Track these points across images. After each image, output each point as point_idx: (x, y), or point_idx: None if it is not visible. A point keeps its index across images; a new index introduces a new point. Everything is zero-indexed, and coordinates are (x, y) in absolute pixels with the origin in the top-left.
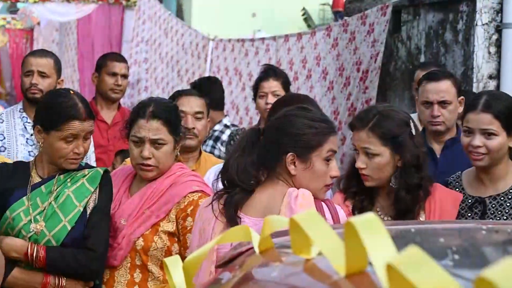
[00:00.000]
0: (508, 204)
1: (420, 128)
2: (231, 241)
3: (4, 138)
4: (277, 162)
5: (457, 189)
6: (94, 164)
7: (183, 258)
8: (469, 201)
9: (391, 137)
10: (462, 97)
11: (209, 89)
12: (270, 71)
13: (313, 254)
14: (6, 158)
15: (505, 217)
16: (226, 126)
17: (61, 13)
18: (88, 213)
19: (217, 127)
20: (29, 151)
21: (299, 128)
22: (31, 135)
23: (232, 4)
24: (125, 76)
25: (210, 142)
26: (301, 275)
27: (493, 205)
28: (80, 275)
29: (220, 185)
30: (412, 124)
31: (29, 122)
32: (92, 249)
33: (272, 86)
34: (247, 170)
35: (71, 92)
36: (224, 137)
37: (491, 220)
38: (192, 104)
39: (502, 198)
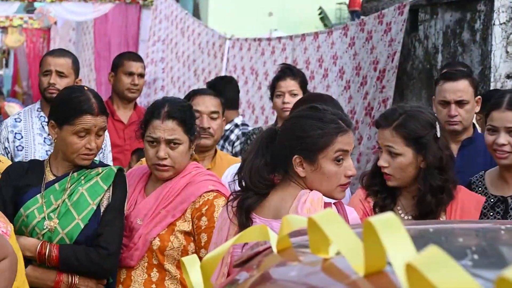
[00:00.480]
0: None
1: None
2: (249, 240)
3: (22, 137)
4: (287, 164)
5: (479, 188)
6: (111, 162)
7: (198, 257)
8: (492, 200)
9: (415, 138)
10: (479, 96)
11: (223, 89)
12: (287, 71)
13: (331, 253)
14: (4, 158)
15: None
16: (236, 125)
17: (78, 13)
18: (101, 211)
19: (228, 126)
20: (46, 151)
21: (304, 130)
22: (49, 134)
23: (248, 3)
24: (141, 76)
25: (220, 142)
26: (319, 275)
27: None
28: (92, 273)
29: (237, 186)
30: (438, 126)
31: (46, 122)
32: (105, 247)
33: (289, 85)
34: (260, 172)
35: (85, 88)
36: (233, 136)
37: None
38: (207, 104)
39: None
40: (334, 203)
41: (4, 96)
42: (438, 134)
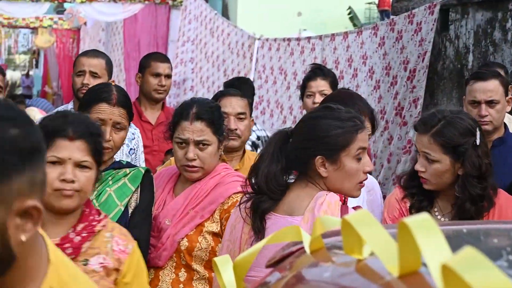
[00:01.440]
0: None
1: None
2: (282, 241)
3: None
4: (307, 166)
5: None
6: (143, 164)
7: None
8: None
9: (452, 146)
10: (510, 96)
11: (239, 89)
12: (318, 71)
13: (365, 254)
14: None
15: None
16: None
17: (108, 13)
18: (129, 212)
19: None
20: None
21: (325, 130)
22: None
23: (277, 3)
24: (168, 76)
25: None
26: (353, 276)
27: None
28: None
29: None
30: (478, 133)
31: None
32: None
33: (320, 85)
34: (277, 178)
35: (112, 82)
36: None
37: None
38: (234, 105)
39: None
40: (354, 207)
41: (25, 104)
42: (478, 142)
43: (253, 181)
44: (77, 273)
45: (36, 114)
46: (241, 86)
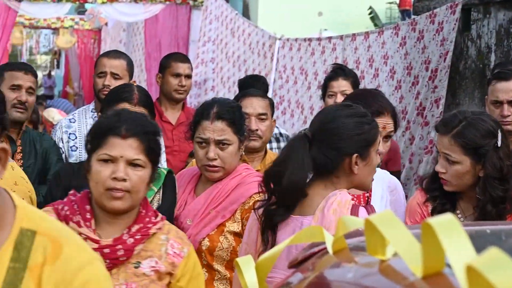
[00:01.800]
0: None
1: None
2: (304, 241)
3: (76, 137)
4: (336, 166)
5: None
6: (164, 164)
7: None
8: None
9: (473, 147)
10: None
11: (252, 87)
12: (339, 71)
13: (388, 255)
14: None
15: None
16: None
17: (129, 14)
18: None
19: None
20: None
21: (355, 128)
22: None
23: (298, 3)
24: (188, 76)
25: None
26: (376, 276)
27: None
28: None
29: None
30: (500, 135)
31: None
32: None
33: (341, 85)
34: (301, 186)
35: (133, 83)
36: None
37: None
38: (255, 106)
39: None
40: (365, 206)
41: (44, 105)
42: (499, 144)
43: (273, 188)
44: (46, 216)
45: (55, 115)
46: (254, 84)
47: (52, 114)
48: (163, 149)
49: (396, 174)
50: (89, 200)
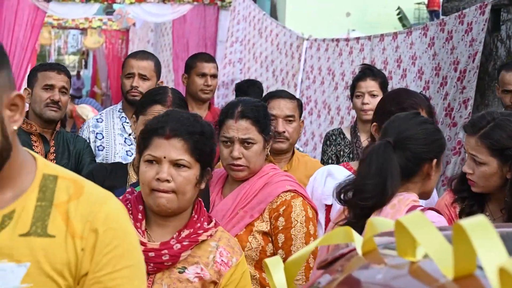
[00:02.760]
0: None
1: None
2: (334, 242)
3: (103, 137)
4: (416, 171)
5: None
6: None
7: None
8: None
9: (500, 148)
10: None
11: (246, 90)
12: (367, 71)
13: (418, 256)
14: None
15: None
16: None
17: (157, 14)
18: None
19: None
20: (127, 151)
21: (435, 133)
22: (129, 134)
23: (326, 3)
24: (214, 76)
25: None
26: (406, 278)
27: None
28: None
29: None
30: None
31: (127, 122)
32: None
33: (369, 86)
34: (388, 193)
35: (161, 83)
36: None
37: None
38: (282, 107)
39: None
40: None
41: (75, 101)
42: None
43: (356, 201)
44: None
45: (88, 112)
46: (248, 88)
47: (86, 111)
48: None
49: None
50: (143, 201)
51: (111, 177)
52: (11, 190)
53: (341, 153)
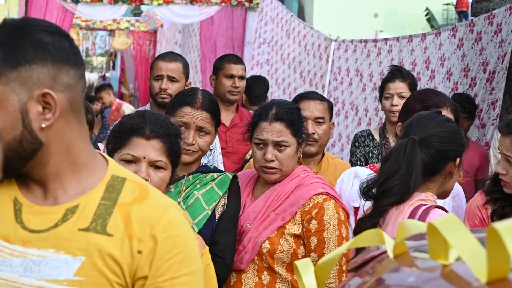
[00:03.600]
0: None
1: None
2: (364, 245)
3: None
4: (439, 169)
5: None
6: (221, 165)
7: None
8: None
9: None
10: None
11: (251, 86)
12: (397, 73)
13: (451, 259)
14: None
15: None
16: None
17: (185, 15)
18: (216, 217)
19: None
20: None
21: (458, 132)
22: None
23: (354, 4)
24: (242, 78)
25: None
26: (439, 281)
27: None
28: None
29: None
30: None
31: None
32: (221, 256)
33: (398, 87)
34: (410, 192)
35: (190, 85)
36: None
37: None
38: (312, 109)
39: None
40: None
41: (113, 91)
42: None
43: (379, 198)
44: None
45: (129, 111)
46: (253, 83)
47: (129, 111)
48: (219, 150)
49: (482, 182)
50: None
51: None
52: (75, 187)
53: (370, 154)
